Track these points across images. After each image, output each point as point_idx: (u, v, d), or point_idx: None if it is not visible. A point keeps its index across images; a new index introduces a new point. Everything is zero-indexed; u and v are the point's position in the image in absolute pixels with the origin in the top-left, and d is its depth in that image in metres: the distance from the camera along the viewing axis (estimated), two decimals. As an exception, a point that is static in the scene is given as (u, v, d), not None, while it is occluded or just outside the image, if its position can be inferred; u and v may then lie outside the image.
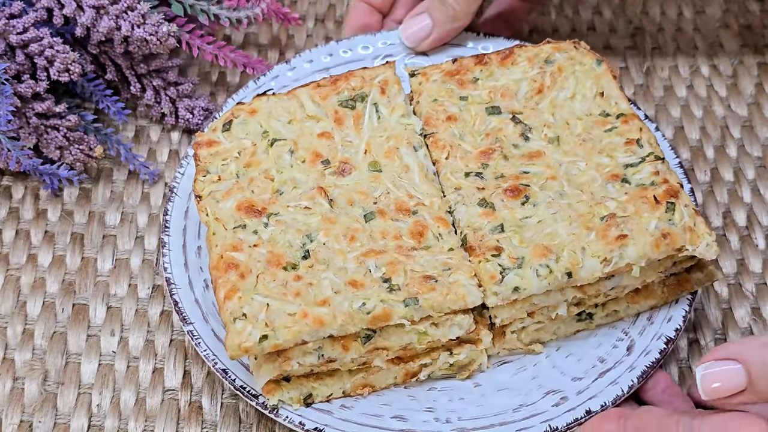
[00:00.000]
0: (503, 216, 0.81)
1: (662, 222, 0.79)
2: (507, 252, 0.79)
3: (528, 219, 0.81)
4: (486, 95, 0.90)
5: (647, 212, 0.80)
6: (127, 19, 0.96)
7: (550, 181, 0.83)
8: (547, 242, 0.79)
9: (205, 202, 0.83)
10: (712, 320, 0.90)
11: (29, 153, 0.96)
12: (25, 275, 0.94)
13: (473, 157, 0.85)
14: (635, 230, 0.79)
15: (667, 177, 0.82)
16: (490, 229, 0.80)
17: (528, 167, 0.84)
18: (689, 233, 0.79)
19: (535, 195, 0.82)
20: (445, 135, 0.87)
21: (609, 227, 0.79)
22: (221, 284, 0.78)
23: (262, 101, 0.89)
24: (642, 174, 0.83)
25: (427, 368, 0.82)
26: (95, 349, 0.89)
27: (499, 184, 0.83)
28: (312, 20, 1.16)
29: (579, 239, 0.79)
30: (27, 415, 0.85)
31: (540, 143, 0.86)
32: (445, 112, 0.88)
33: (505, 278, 0.77)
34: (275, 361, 0.78)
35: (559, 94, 0.89)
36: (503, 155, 0.85)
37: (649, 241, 0.78)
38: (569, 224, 0.80)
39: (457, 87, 0.90)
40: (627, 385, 0.80)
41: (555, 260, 0.78)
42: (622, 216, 0.80)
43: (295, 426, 0.79)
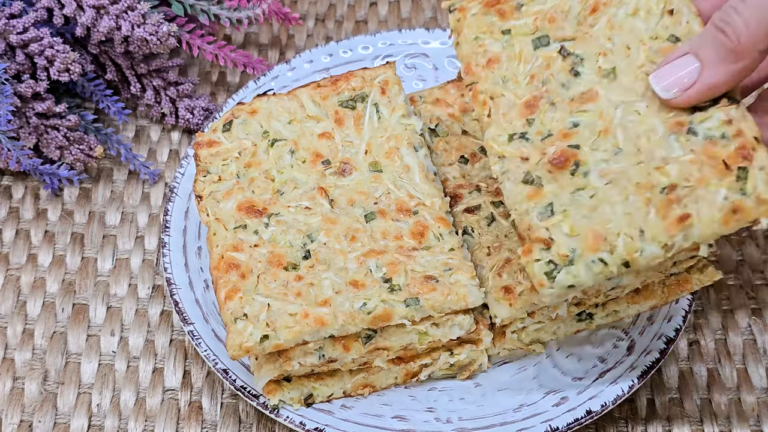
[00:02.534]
0: (551, 191, 0.72)
1: (732, 192, 0.68)
2: (557, 245, 0.70)
3: (579, 192, 0.71)
4: (532, 24, 0.77)
5: (715, 179, 0.68)
6: (127, 19, 0.96)
7: (602, 138, 0.72)
8: (600, 226, 0.69)
9: (205, 203, 0.83)
10: (712, 320, 0.90)
11: (29, 153, 0.96)
12: (25, 275, 0.93)
13: (517, 111, 0.75)
14: (701, 204, 0.68)
15: (741, 127, 0.70)
16: (538, 212, 0.71)
17: (578, 116, 0.73)
18: (765, 205, 0.67)
19: (586, 160, 0.72)
20: (486, 84, 0.76)
21: (670, 203, 0.69)
22: (222, 284, 0.78)
23: (262, 101, 0.89)
24: (712, 122, 0.70)
25: (428, 368, 0.83)
26: (95, 349, 0.89)
27: (545, 148, 0.73)
28: (312, 20, 1.16)
29: (636, 218, 0.69)
30: (27, 414, 0.85)
31: (593, 78, 0.74)
32: (485, 53, 0.77)
33: (556, 278, 0.70)
34: (276, 362, 0.78)
35: (618, 11, 0.75)
36: (551, 102, 0.74)
37: (717, 218, 0.68)
38: (625, 198, 0.70)
39: (498, 19, 0.78)
40: (627, 385, 0.80)
41: (610, 251, 0.69)
42: (686, 186, 0.68)
43: (296, 426, 0.79)
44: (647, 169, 0.70)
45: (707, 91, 0.70)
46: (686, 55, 0.71)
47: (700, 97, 0.70)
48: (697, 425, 0.84)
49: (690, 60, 0.71)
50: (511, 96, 0.76)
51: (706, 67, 0.70)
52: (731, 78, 0.69)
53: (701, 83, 0.70)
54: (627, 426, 0.84)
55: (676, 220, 0.68)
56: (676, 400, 0.85)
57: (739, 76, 0.69)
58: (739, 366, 0.87)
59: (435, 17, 1.16)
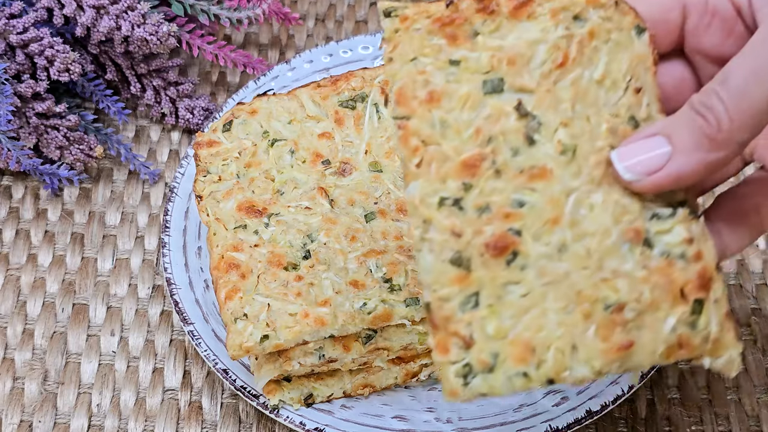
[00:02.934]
0: (480, 279, 0.61)
1: (682, 324, 0.60)
2: (478, 348, 0.60)
3: (512, 288, 0.61)
4: (486, 61, 0.63)
5: (667, 305, 0.61)
6: (127, 19, 0.96)
7: (548, 228, 0.61)
8: (530, 334, 0.60)
9: (205, 203, 0.83)
10: (713, 320, 0.90)
11: (29, 153, 0.96)
12: (25, 275, 0.93)
13: (454, 169, 0.62)
14: (645, 331, 0.60)
15: (702, 248, 0.62)
16: (461, 301, 0.60)
17: (525, 195, 0.62)
18: (711, 344, 0.61)
19: (527, 252, 0.61)
20: (422, 125, 0.62)
21: (614, 325, 0.60)
22: (222, 284, 0.78)
23: (262, 101, 0.89)
24: (672, 237, 0.62)
25: (428, 368, 0.82)
26: (95, 349, 0.89)
27: (482, 226, 0.61)
28: (312, 20, 1.16)
29: (572, 333, 0.60)
30: (27, 414, 0.85)
31: (548, 152, 0.62)
32: (426, 84, 0.63)
33: (470, 384, 0.60)
34: (276, 361, 0.78)
35: (584, 73, 0.64)
36: (495, 169, 0.62)
37: (660, 351, 0.60)
38: (564, 306, 0.60)
39: (447, 44, 0.63)
40: (628, 385, 0.80)
41: (536, 366, 0.60)
42: (635, 308, 0.60)
43: (296, 426, 0.79)
44: (594, 278, 0.61)
45: (675, 180, 0.61)
46: (656, 137, 0.62)
47: (665, 185, 0.61)
48: (698, 425, 0.84)
49: (660, 142, 0.61)
50: (449, 148, 0.62)
51: (677, 152, 0.61)
52: (704, 169, 0.60)
53: (670, 170, 0.61)
54: (627, 426, 0.84)
55: (617, 346, 0.60)
56: (676, 400, 0.85)
57: (713, 168, 0.61)
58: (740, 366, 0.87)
59: (435, 17, 1.16)
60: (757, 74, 0.58)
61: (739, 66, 0.58)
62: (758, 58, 0.58)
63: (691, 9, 0.64)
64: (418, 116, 0.63)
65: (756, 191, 0.68)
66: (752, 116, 0.58)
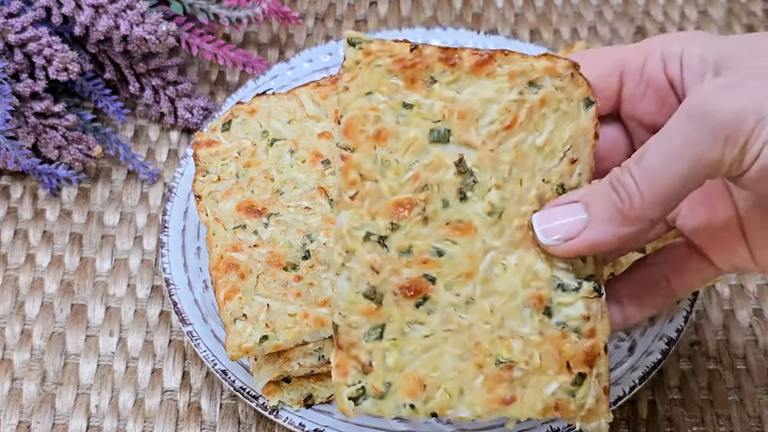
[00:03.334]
0: (388, 314, 0.64)
1: (562, 391, 0.65)
2: (375, 375, 0.64)
3: (417, 327, 0.64)
4: (439, 110, 0.65)
5: (552, 371, 0.65)
6: (126, 18, 0.95)
7: (461, 281, 0.65)
8: (425, 372, 0.64)
9: (204, 203, 0.83)
10: (714, 321, 0.90)
11: (28, 152, 0.95)
12: (23, 275, 0.93)
13: (386, 208, 0.64)
14: (528, 390, 0.65)
15: (596, 326, 0.65)
16: (366, 331, 0.64)
17: (447, 246, 0.65)
18: (585, 412, 0.65)
19: (436, 300, 0.64)
20: (363, 160, 0.64)
21: (501, 380, 0.64)
22: (221, 285, 0.78)
23: (261, 101, 0.89)
24: (571, 310, 0.65)
25: (428, 369, 0.82)
26: (94, 349, 0.88)
27: (400, 268, 0.64)
28: (312, 19, 1.15)
29: (462, 379, 0.64)
30: (25, 415, 0.85)
31: (477, 210, 0.65)
32: (376, 121, 0.65)
33: (361, 405, 0.64)
34: (275, 362, 0.78)
35: (528, 138, 0.65)
36: (424, 217, 0.64)
37: (537, 408, 0.64)
38: (460, 354, 0.64)
39: (404, 86, 0.65)
40: (628, 386, 0.80)
41: (424, 401, 0.64)
42: (523, 369, 0.64)
43: (296, 427, 0.78)
44: (493, 334, 0.65)
45: (589, 248, 0.63)
46: (576, 204, 0.64)
47: (579, 252, 0.64)
48: (699, 426, 0.84)
49: (578, 209, 0.63)
50: (386, 188, 0.65)
51: (592, 222, 0.63)
52: (616, 241, 0.63)
53: (584, 238, 0.63)
54: (628, 427, 0.84)
55: (500, 399, 0.64)
56: (677, 401, 0.85)
57: (624, 242, 0.63)
58: (741, 366, 0.87)
59: (435, 16, 1.16)
60: (669, 156, 0.59)
61: (654, 147, 0.60)
62: (671, 141, 0.59)
63: (627, 77, 0.66)
64: (362, 150, 0.64)
65: (668, 261, 0.71)
66: (663, 195, 0.60)
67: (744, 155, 0.58)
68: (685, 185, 0.60)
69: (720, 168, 0.59)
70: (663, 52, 0.64)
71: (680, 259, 0.71)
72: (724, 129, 0.58)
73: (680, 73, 0.63)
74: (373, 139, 0.65)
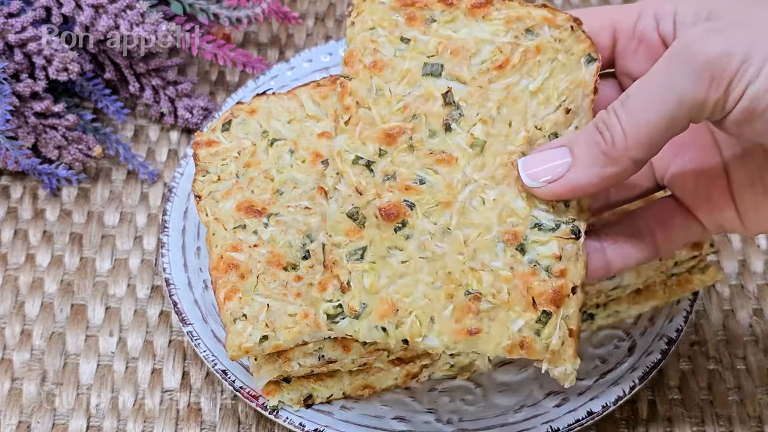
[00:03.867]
0: (370, 236, 0.68)
1: (528, 328, 0.66)
2: (352, 295, 0.67)
3: (394, 252, 0.67)
4: (434, 45, 0.69)
5: (519, 308, 0.66)
6: (126, 18, 0.95)
7: (439, 209, 0.67)
8: (399, 297, 0.67)
9: (204, 203, 0.83)
10: (714, 321, 0.90)
11: (28, 152, 0.95)
12: (23, 275, 0.93)
13: (376, 134, 0.68)
14: (496, 324, 0.66)
15: (568, 267, 0.67)
16: (349, 251, 0.68)
17: (428, 174, 0.68)
18: (550, 354, 0.66)
19: (414, 224, 0.67)
20: (359, 87, 0.69)
21: (468, 311, 0.66)
22: (221, 285, 0.78)
23: (261, 101, 0.89)
24: (545, 249, 0.67)
25: (428, 369, 0.82)
26: (94, 349, 0.88)
27: (383, 192, 0.68)
28: (312, 19, 1.15)
29: (433, 307, 0.67)
30: (25, 415, 0.85)
31: (461, 142, 0.68)
32: (375, 53, 0.70)
33: (338, 324, 0.68)
34: (275, 362, 0.77)
35: (521, 82, 0.69)
36: (410, 144, 0.68)
37: (503, 345, 0.66)
38: (432, 282, 0.67)
39: (405, 22, 0.70)
40: (628, 386, 0.80)
41: (396, 325, 0.67)
42: (490, 302, 0.66)
43: (296, 427, 0.78)
44: (464, 265, 0.67)
45: (571, 190, 0.65)
46: (561, 147, 0.66)
47: (562, 194, 0.66)
48: (699, 426, 0.84)
49: (563, 153, 0.65)
50: (377, 115, 0.69)
51: (576, 164, 0.65)
52: (598, 182, 0.64)
53: (566, 180, 0.65)
54: (628, 427, 0.84)
55: (466, 330, 0.66)
56: (677, 401, 0.85)
57: (607, 183, 0.64)
58: (741, 367, 0.87)
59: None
60: (653, 97, 0.60)
61: (640, 88, 0.62)
62: (657, 82, 0.60)
63: (620, 34, 0.68)
64: (359, 78, 0.69)
65: (655, 216, 0.72)
66: (647, 136, 0.61)
67: (728, 96, 0.59)
68: (669, 127, 0.61)
69: (704, 110, 0.60)
70: (656, 11, 0.66)
71: (667, 214, 0.71)
72: (709, 69, 0.58)
73: (673, 31, 0.64)
74: (370, 68, 0.69)
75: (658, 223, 0.71)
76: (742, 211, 0.69)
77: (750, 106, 0.59)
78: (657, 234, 0.71)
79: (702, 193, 0.70)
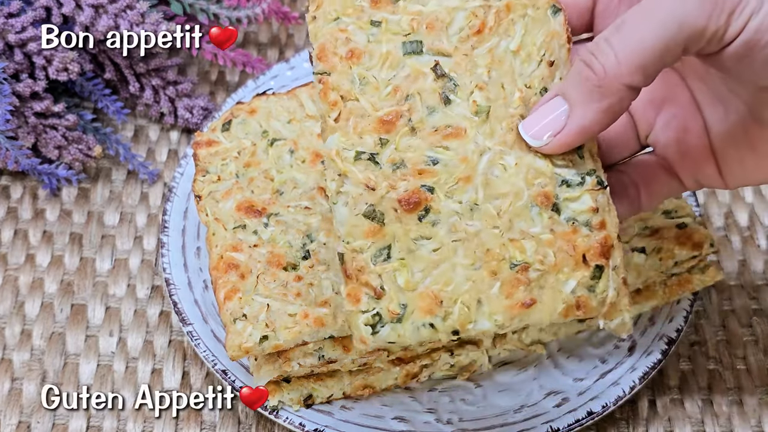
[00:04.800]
0: (393, 233, 0.63)
1: (581, 287, 0.64)
2: (388, 298, 0.63)
3: (423, 242, 0.63)
4: (407, 23, 0.66)
5: (568, 268, 0.63)
6: (126, 18, 0.95)
7: (461, 186, 0.64)
8: (439, 287, 0.63)
9: (204, 203, 0.83)
10: (714, 321, 0.90)
11: (28, 152, 0.95)
12: (23, 275, 0.93)
13: (371, 124, 0.65)
14: (547, 291, 0.63)
15: (606, 218, 0.65)
16: (373, 253, 0.63)
17: (439, 153, 0.65)
18: (608, 307, 0.64)
19: (438, 208, 0.64)
20: (341, 80, 0.65)
21: (518, 283, 0.63)
22: (221, 285, 0.78)
23: (261, 101, 0.89)
24: (579, 205, 0.65)
25: (428, 369, 0.82)
26: (94, 349, 0.88)
27: (396, 181, 0.64)
28: (311, 19, 1.15)
29: (478, 288, 0.63)
30: (25, 415, 0.85)
31: (464, 112, 0.65)
32: (347, 42, 0.66)
33: (379, 333, 0.63)
34: (275, 362, 0.77)
35: (501, 43, 0.66)
36: (411, 127, 0.65)
37: (559, 309, 0.63)
38: (471, 263, 0.63)
39: (369, 5, 0.67)
40: (628, 386, 0.80)
41: (443, 318, 0.63)
42: (539, 269, 0.63)
43: (296, 427, 0.78)
44: (502, 238, 0.63)
45: (577, 135, 0.63)
46: (555, 98, 0.64)
47: (570, 142, 0.64)
48: (699, 426, 0.84)
49: (558, 102, 0.63)
50: (368, 104, 0.65)
51: (574, 108, 0.63)
52: (601, 117, 0.62)
53: (570, 127, 0.63)
54: (628, 427, 0.84)
55: (520, 304, 0.63)
56: (677, 401, 0.85)
57: (609, 117, 0.62)
58: (741, 367, 0.87)
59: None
60: (651, 22, 0.59)
61: (637, 13, 0.60)
62: (656, 7, 0.59)
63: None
64: (338, 72, 0.65)
65: (638, 172, 0.71)
66: (640, 60, 0.59)
67: (728, 26, 0.58)
68: (664, 53, 0.59)
69: (701, 38, 0.58)
70: None
71: (650, 170, 0.72)
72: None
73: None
74: (347, 59, 0.66)
75: (641, 180, 0.71)
76: (723, 166, 0.69)
77: (752, 39, 0.58)
78: (641, 190, 0.71)
79: (683, 150, 0.70)
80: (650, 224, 0.83)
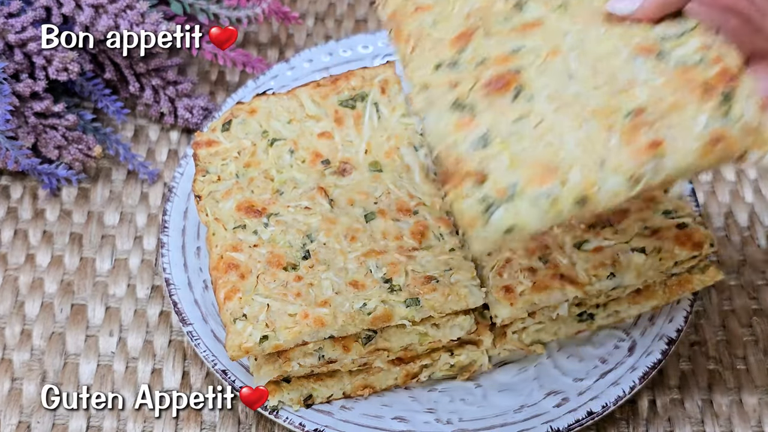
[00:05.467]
0: (487, 120, 0.58)
1: (714, 119, 0.56)
2: (493, 179, 0.56)
3: (522, 121, 0.58)
4: None
5: (694, 103, 0.56)
6: (125, 18, 0.95)
7: (550, 59, 0.59)
8: (549, 157, 0.56)
9: (204, 203, 0.83)
10: (714, 321, 0.90)
11: (28, 152, 0.95)
12: (23, 275, 0.93)
13: (447, 44, 0.62)
14: (675, 131, 0.56)
15: (721, 53, 0.58)
16: (470, 143, 0.57)
17: (520, 41, 0.61)
18: (752, 135, 0.56)
19: (530, 83, 0.59)
20: (412, 26, 0.64)
21: (638, 128, 0.56)
22: (221, 285, 0.78)
23: (261, 101, 0.89)
24: (686, 48, 0.58)
25: (428, 369, 0.82)
26: (94, 349, 0.88)
27: (479, 73, 0.60)
28: (312, 19, 1.15)
29: (595, 147, 0.56)
30: (25, 415, 0.85)
31: (540, 11, 0.62)
32: (415, 3, 0.66)
33: (492, 217, 0.56)
34: (275, 362, 0.78)
35: None
36: (486, 33, 0.62)
37: (695, 148, 0.55)
38: (579, 125, 0.57)
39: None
40: (628, 386, 0.80)
41: (561, 183, 0.55)
42: (656, 110, 0.57)
43: (296, 427, 0.78)
44: (608, 93, 0.58)
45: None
46: None
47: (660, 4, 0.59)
48: (699, 426, 0.84)
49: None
50: (441, 33, 0.63)
51: None
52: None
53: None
54: (628, 427, 0.84)
55: (645, 146, 0.55)
56: (677, 401, 0.85)
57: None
58: (741, 367, 0.87)
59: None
60: None
61: None
62: None
63: None
64: (408, 22, 0.64)
65: None
66: None
67: None
68: None
69: None
70: None
71: None
72: None
73: None
74: (415, 12, 0.64)
75: None
76: None
77: None
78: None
79: None
80: (650, 224, 0.83)
